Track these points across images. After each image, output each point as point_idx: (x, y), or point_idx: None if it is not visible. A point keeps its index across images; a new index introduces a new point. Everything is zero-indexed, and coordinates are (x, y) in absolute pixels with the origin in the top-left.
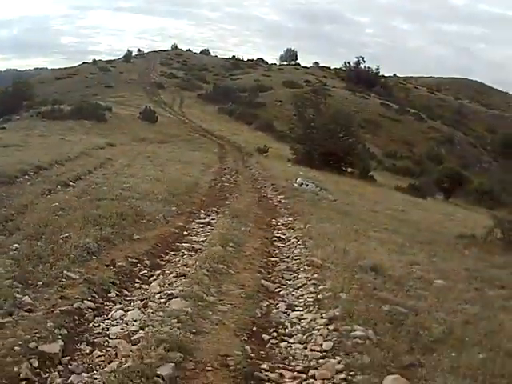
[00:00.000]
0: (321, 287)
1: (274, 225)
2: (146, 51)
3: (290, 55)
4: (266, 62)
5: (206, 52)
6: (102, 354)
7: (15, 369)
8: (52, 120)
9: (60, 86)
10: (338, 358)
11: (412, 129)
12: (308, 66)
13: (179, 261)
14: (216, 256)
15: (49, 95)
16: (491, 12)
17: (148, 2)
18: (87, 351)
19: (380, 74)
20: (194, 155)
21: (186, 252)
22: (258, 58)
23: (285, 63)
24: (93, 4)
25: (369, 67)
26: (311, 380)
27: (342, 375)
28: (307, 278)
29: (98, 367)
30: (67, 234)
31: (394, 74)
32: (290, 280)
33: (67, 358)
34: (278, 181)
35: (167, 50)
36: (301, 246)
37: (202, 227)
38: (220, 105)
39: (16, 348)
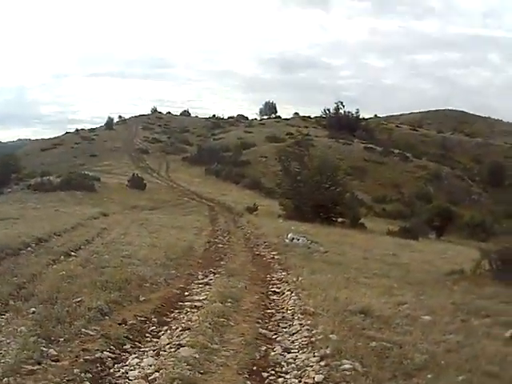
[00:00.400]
0: (313, 331)
1: (269, 280)
2: (126, 117)
3: (270, 108)
4: (247, 118)
5: (186, 113)
6: None
7: None
8: (43, 192)
9: (46, 157)
10: None
11: (398, 170)
12: (288, 117)
13: (183, 317)
14: (216, 311)
15: (36, 167)
16: (464, 34)
17: (123, 66)
18: None
19: (360, 117)
20: (185, 219)
21: (188, 309)
22: (239, 115)
23: (265, 117)
24: (68, 71)
25: (349, 111)
26: None
27: None
28: (301, 324)
29: None
30: (79, 298)
31: (375, 115)
32: (285, 328)
33: None
34: (269, 238)
35: (148, 115)
36: (294, 297)
37: (202, 287)
38: (206, 166)
39: None
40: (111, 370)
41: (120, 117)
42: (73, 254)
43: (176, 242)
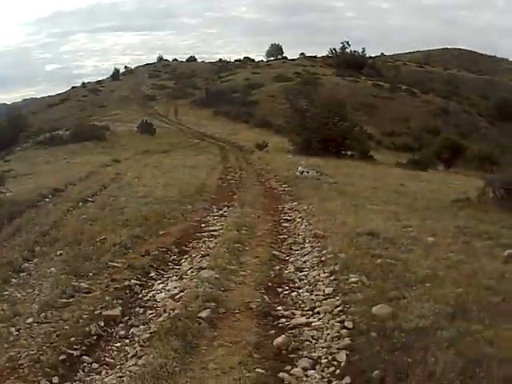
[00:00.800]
0: (323, 252)
1: (281, 210)
2: (132, 67)
3: (276, 50)
4: (253, 60)
5: (192, 59)
6: (153, 312)
7: (87, 329)
8: (53, 146)
9: (54, 113)
10: (337, 297)
11: (406, 105)
12: (295, 58)
13: (202, 246)
14: (232, 238)
15: (44, 123)
16: None
17: (124, 20)
18: (141, 312)
19: (367, 55)
20: (197, 159)
21: (206, 239)
22: (245, 57)
23: (272, 58)
24: (71, 29)
25: (355, 50)
26: (316, 314)
27: (340, 308)
28: (312, 246)
29: (151, 320)
30: (103, 237)
31: (382, 54)
32: (297, 250)
33: (126, 317)
34: (280, 172)
35: (154, 63)
36: (305, 223)
37: (217, 218)
38: (214, 108)
39: (84, 316)
40: (139, 295)
41: (126, 67)
42: (90, 199)
43: (189, 180)
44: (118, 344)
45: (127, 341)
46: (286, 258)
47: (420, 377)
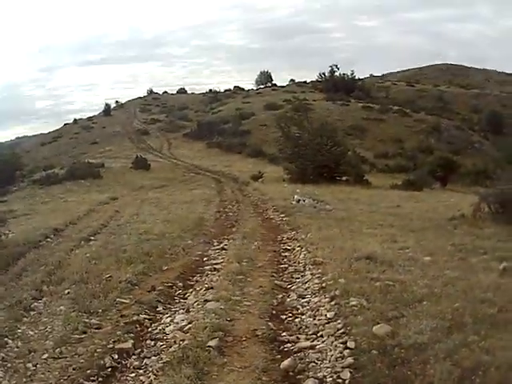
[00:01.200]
0: (323, 278)
1: (280, 240)
2: (123, 101)
3: (265, 77)
4: (243, 89)
5: (182, 91)
6: (163, 343)
7: (101, 361)
8: (49, 185)
9: (47, 151)
10: (338, 321)
11: (398, 125)
12: (285, 84)
13: (205, 279)
14: (234, 270)
15: (38, 161)
16: None
17: (115, 51)
18: (152, 344)
19: (356, 77)
20: (193, 194)
21: (209, 272)
22: (235, 87)
23: (261, 86)
24: (60, 63)
25: (344, 73)
26: (319, 337)
27: (342, 330)
28: (312, 273)
29: (163, 351)
30: (108, 275)
31: (371, 75)
32: (298, 278)
33: (138, 350)
34: (276, 202)
35: (144, 96)
36: (304, 252)
37: (218, 252)
38: (207, 140)
39: (98, 350)
40: (149, 329)
41: (117, 102)
42: (92, 238)
43: (188, 215)
44: (133, 374)
45: (141, 371)
46: (288, 287)
47: None
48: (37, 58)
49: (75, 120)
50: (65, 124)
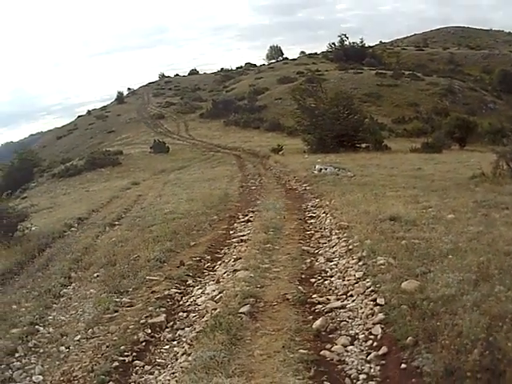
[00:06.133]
0: (350, 241)
1: (304, 208)
2: (135, 88)
3: (276, 51)
4: (255, 65)
5: (194, 72)
6: (196, 314)
7: (135, 337)
8: (69, 177)
9: (63, 145)
10: (367, 280)
11: (412, 90)
12: (296, 57)
13: (233, 251)
14: (262, 240)
15: (56, 155)
16: None
17: (119, 41)
18: (184, 316)
19: (366, 45)
20: (215, 171)
21: (236, 244)
22: (247, 63)
23: (273, 61)
24: (66, 58)
25: (353, 42)
26: (349, 297)
27: (371, 288)
28: (338, 237)
29: (195, 322)
30: (136, 255)
31: (380, 42)
32: (325, 243)
33: (171, 323)
34: (298, 173)
35: (156, 81)
36: (329, 218)
37: (244, 224)
38: (223, 118)
39: (130, 326)
40: (180, 302)
41: (129, 89)
42: (116, 223)
43: (211, 192)
44: (167, 346)
45: (175, 342)
46: (316, 251)
47: (449, 336)
48: (42, 55)
49: (89, 111)
50: (79, 116)
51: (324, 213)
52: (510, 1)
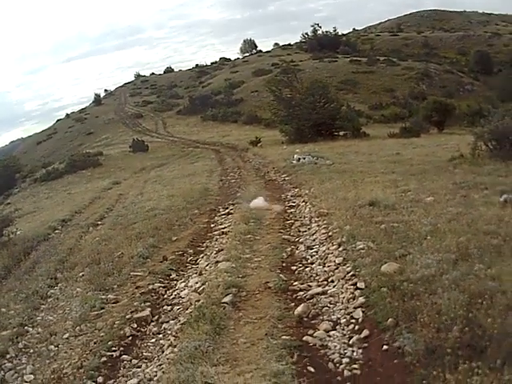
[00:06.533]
0: (329, 227)
1: (284, 198)
2: (112, 89)
3: (249, 45)
4: (230, 59)
5: (169, 70)
6: (180, 307)
7: (121, 332)
8: (51, 181)
9: (44, 149)
10: (347, 265)
11: (387, 75)
12: (270, 49)
13: (215, 243)
14: (242, 231)
15: (37, 160)
16: None
17: (95, 44)
18: (169, 309)
19: (339, 33)
20: (195, 167)
21: (218, 236)
22: (221, 58)
23: (247, 54)
24: (43, 63)
25: (327, 31)
26: (330, 283)
27: (351, 273)
28: (318, 225)
29: (180, 314)
30: (120, 252)
31: (354, 29)
32: (305, 231)
33: (156, 317)
34: (277, 163)
35: (132, 81)
36: (309, 206)
37: (224, 217)
38: (201, 114)
39: (117, 322)
40: (165, 296)
41: (106, 90)
42: (99, 223)
43: (191, 187)
44: (153, 340)
45: (161, 335)
46: (296, 240)
47: (429, 315)
48: (20, 62)
49: (67, 114)
50: (57, 120)
51: (303, 201)
52: None
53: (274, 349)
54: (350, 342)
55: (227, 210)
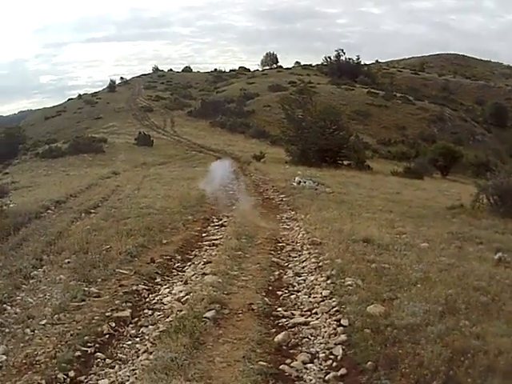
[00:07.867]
0: (320, 258)
1: (279, 219)
2: (128, 78)
3: (271, 59)
4: (249, 70)
5: (187, 69)
6: (161, 313)
7: (99, 328)
8: (52, 159)
9: (51, 125)
10: (333, 299)
11: (401, 112)
12: (290, 66)
13: (204, 254)
14: (233, 246)
15: (42, 135)
16: None
17: (119, 29)
18: (150, 313)
19: (362, 62)
20: (195, 171)
21: (208, 247)
22: (240, 67)
23: (267, 67)
24: (65, 39)
25: (349, 58)
26: (314, 314)
27: (336, 308)
28: (309, 253)
29: (160, 321)
30: (108, 246)
31: (376, 61)
32: (295, 257)
33: (136, 319)
34: (277, 183)
35: (149, 74)
36: (303, 232)
37: (217, 228)
38: (210, 119)
39: (96, 317)
40: (147, 299)
41: (122, 78)
42: (92, 211)
43: (189, 191)
44: (129, 342)
45: (138, 339)
46: (285, 264)
47: (410, 366)
48: (41, 34)
49: (79, 95)
50: (69, 99)
51: (298, 226)
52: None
53: (250, 373)
54: (326, 378)
55: (221, 222)
